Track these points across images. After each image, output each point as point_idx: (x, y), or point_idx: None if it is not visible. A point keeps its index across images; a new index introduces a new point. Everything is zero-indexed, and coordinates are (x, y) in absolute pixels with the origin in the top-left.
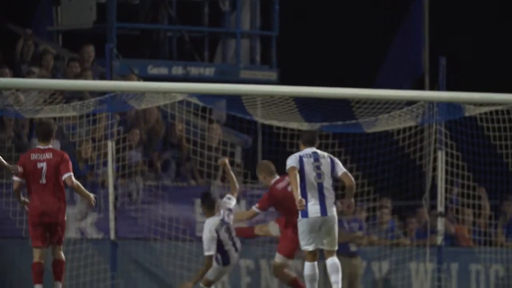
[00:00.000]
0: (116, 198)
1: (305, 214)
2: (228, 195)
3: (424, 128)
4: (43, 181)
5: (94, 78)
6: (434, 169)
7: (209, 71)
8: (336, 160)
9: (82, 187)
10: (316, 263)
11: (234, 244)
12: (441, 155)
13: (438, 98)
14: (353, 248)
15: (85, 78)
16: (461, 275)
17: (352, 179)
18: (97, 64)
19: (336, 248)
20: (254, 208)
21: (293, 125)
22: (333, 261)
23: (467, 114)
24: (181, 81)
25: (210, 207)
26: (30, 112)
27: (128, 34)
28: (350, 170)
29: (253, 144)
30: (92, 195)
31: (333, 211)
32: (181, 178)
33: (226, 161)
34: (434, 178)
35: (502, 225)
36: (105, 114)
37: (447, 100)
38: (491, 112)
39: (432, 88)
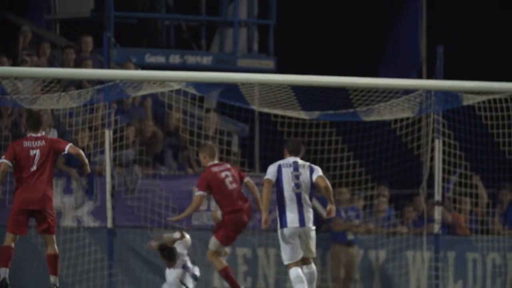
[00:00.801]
0: (113, 187)
1: (284, 224)
2: (178, 241)
3: (422, 118)
4: (34, 168)
5: (93, 68)
6: (432, 158)
7: (206, 59)
8: (316, 167)
9: (82, 154)
10: (299, 268)
11: (195, 279)
12: (438, 145)
13: (436, 86)
14: (350, 236)
15: (85, 67)
16: (458, 264)
17: (327, 181)
18: (95, 53)
19: (314, 256)
20: (196, 193)
21: (291, 113)
22: (309, 270)
23: (464, 103)
24: (179, 70)
25: (171, 258)
26: (27, 101)
27: (125, 23)
28: (348, 159)
29: (250, 132)
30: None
31: (310, 222)
32: (179, 167)
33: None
34: (431, 168)
35: (499, 213)
36: (103, 103)
37: (445, 89)
38: (489, 101)
39: (430, 77)
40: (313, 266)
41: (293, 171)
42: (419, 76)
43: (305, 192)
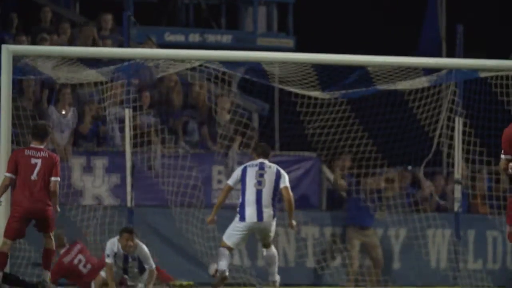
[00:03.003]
0: (133, 165)
1: (242, 218)
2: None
3: (440, 90)
4: (35, 177)
5: (113, 47)
6: (451, 137)
7: (226, 38)
8: (283, 173)
9: (57, 196)
10: (228, 251)
11: None
12: (458, 122)
13: (456, 65)
14: (367, 220)
15: (105, 46)
16: (478, 242)
17: (291, 195)
18: (115, 32)
19: (270, 241)
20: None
21: (311, 93)
22: (269, 253)
23: (482, 77)
24: (198, 49)
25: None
26: (50, 78)
27: (145, 1)
28: (366, 138)
29: (270, 111)
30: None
31: (269, 217)
32: (200, 145)
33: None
34: (450, 145)
35: None
36: (122, 81)
37: (464, 67)
38: (507, 77)
39: (449, 56)
40: (272, 248)
41: (258, 170)
42: (439, 55)
43: (266, 190)
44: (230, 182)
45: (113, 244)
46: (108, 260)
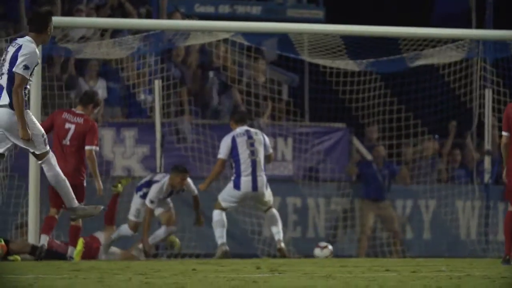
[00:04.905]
0: (162, 136)
1: (237, 187)
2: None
3: (471, 64)
4: (67, 142)
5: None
6: (481, 106)
7: (256, 9)
8: (266, 138)
9: (96, 166)
10: (224, 212)
11: None
12: (488, 93)
13: (486, 36)
14: (382, 193)
15: (133, 17)
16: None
17: (272, 159)
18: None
19: (270, 205)
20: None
21: (339, 64)
22: (271, 213)
23: None
24: (228, 20)
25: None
26: (78, 50)
27: None
28: (397, 109)
29: (300, 82)
30: (101, 185)
31: (263, 185)
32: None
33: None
34: (480, 115)
35: None
36: (150, 53)
37: (495, 39)
38: None
39: (479, 26)
40: (273, 210)
41: (247, 139)
42: (469, 26)
43: (259, 159)
44: (222, 155)
45: (160, 191)
46: (152, 206)
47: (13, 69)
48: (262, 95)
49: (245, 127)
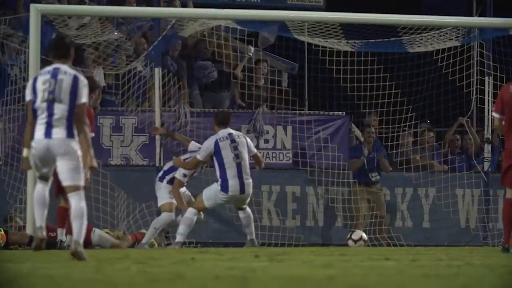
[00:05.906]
0: (162, 124)
1: (225, 190)
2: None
3: (468, 48)
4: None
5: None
6: (478, 91)
7: None
8: (249, 139)
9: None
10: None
11: None
12: (487, 80)
13: (486, 24)
14: (373, 177)
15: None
16: None
17: (261, 159)
18: None
19: (245, 205)
20: None
21: (338, 46)
22: (245, 214)
23: None
24: (227, 7)
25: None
26: (74, 36)
27: None
28: (395, 94)
29: (300, 70)
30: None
31: (250, 188)
32: (230, 104)
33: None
34: (477, 101)
35: None
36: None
37: (495, 27)
38: None
39: (480, 14)
40: (247, 209)
41: (230, 143)
42: (469, 14)
43: (244, 162)
44: (201, 157)
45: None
46: (184, 180)
47: (77, 102)
48: (262, 86)
49: (228, 130)
